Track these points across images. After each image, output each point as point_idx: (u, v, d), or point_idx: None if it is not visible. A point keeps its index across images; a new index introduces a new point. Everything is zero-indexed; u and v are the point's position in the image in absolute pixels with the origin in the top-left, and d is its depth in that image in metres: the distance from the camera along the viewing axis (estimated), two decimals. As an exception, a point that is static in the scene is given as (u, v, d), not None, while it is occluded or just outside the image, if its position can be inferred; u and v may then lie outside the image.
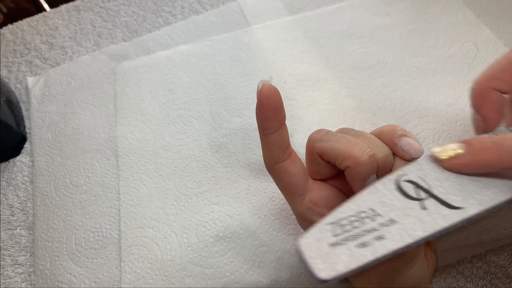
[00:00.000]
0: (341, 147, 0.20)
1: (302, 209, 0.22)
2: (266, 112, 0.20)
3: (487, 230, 0.28)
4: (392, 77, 0.35)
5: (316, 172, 0.22)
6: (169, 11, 0.44)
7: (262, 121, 0.21)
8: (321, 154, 0.21)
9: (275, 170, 0.22)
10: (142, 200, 0.31)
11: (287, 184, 0.22)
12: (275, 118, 0.21)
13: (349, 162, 0.19)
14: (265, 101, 0.20)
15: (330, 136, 0.21)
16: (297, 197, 0.22)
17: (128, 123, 0.35)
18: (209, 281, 0.27)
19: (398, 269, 0.20)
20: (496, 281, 0.28)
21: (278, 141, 0.21)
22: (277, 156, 0.21)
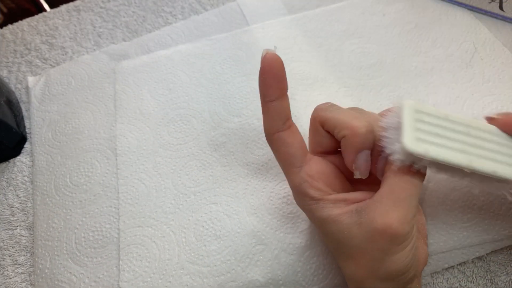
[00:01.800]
0: (341, 117, 0.21)
1: (297, 181, 0.22)
2: (268, 79, 0.21)
3: (487, 231, 0.28)
4: (391, 76, 0.35)
5: (317, 143, 0.23)
6: (169, 11, 0.44)
7: (264, 88, 0.21)
8: (322, 122, 0.22)
9: (274, 140, 0.22)
10: (140, 199, 0.31)
11: (285, 155, 0.22)
12: (277, 85, 0.21)
13: (347, 132, 0.20)
14: (268, 68, 0.20)
15: (335, 108, 0.22)
16: (294, 169, 0.22)
17: (128, 122, 0.35)
18: (206, 280, 0.27)
19: (387, 249, 0.20)
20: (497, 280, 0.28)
21: (279, 110, 0.21)
22: (277, 125, 0.22)
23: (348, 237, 0.20)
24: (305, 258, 0.27)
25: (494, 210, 0.28)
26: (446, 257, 0.28)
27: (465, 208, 0.28)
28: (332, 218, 0.21)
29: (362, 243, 0.20)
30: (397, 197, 0.20)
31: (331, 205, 0.21)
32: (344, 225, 0.20)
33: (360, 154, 0.20)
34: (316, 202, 0.21)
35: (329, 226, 0.21)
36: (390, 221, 0.19)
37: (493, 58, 0.34)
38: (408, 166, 0.20)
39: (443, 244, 0.28)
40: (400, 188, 0.20)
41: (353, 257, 0.21)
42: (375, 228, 0.19)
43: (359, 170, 0.21)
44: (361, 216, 0.20)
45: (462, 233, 0.28)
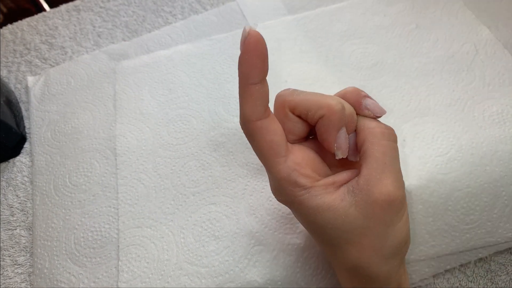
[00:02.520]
0: (313, 98, 0.20)
1: (286, 171, 0.20)
2: (253, 59, 0.19)
3: (490, 233, 0.28)
4: (391, 77, 0.35)
5: (289, 131, 0.21)
6: (169, 11, 0.44)
7: (248, 69, 0.19)
8: (293, 107, 0.21)
9: (256, 128, 0.20)
10: (140, 199, 0.31)
11: (269, 144, 0.20)
12: (262, 66, 0.19)
13: (324, 111, 0.20)
14: (253, 46, 0.18)
15: (300, 92, 0.21)
16: (280, 158, 0.20)
17: (127, 122, 0.35)
18: (204, 280, 0.27)
19: (390, 220, 0.20)
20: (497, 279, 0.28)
21: (262, 93, 0.20)
22: (260, 111, 0.20)
23: (346, 221, 0.20)
24: (304, 259, 0.27)
25: (497, 211, 0.28)
26: (448, 258, 0.28)
27: (467, 209, 0.28)
28: (326, 205, 0.20)
29: (363, 222, 0.20)
30: (382, 162, 0.20)
31: (322, 191, 0.20)
32: (340, 210, 0.20)
33: (340, 133, 0.20)
34: (307, 191, 0.20)
35: (324, 215, 0.20)
36: (387, 188, 0.19)
37: (494, 60, 0.34)
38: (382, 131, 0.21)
39: (445, 247, 0.28)
40: (382, 153, 0.20)
41: (354, 242, 0.20)
42: (373, 201, 0.19)
43: (341, 149, 0.20)
44: (355, 195, 0.20)
45: (465, 235, 0.28)
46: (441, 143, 0.30)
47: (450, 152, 0.29)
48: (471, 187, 0.28)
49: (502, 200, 0.28)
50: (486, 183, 0.28)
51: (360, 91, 0.22)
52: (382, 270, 0.20)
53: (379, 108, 0.21)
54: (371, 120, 0.21)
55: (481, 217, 0.28)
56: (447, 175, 0.28)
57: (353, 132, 0.21)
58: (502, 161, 0.29)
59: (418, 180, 0.28)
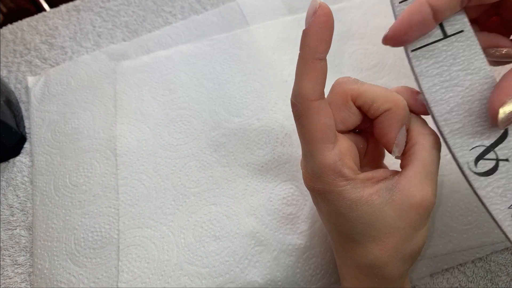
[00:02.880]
0: (379, 89, 0.20)
1: (332, 158, 0.19)
2: (323, 32, 0.18)
3: (487, 234, 0.28)
4: (392, 78, 0.35)
5: (341, 121, 0.21)
6: (169, 11, 0.44)
7: (316, 42, 0.18)
8: (356, 96, 0.20)
9: (313, 108, 0.19)
10: (140, 199, 0.31)
11: (322, 127, 0.19)
12: (330, 41, 0.18)
13: (391, 104, 0.19)
14: (324, 18, 0.18)
15: (363, 82, 0.20)
16: (328, 144, 0.19)
17: (128, 122, 0.35)
18: (204, 281, 0.27)
19: (418, 224, 0.20)
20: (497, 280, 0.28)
21: (324, 71, 0.19)
22: (320, 90, 0.19)
23: (378, 218, 0.19)
24: (304, 259, 0.27)
25: (494, 213, 0.28)
26: (446, 258, 0.28)
27: (466, 211, 0.28)
28: (364, 199, 0.19)
29: (395, 222, 0.19)
30: (429, 170, 0.20)
31: (361, 184, 0.20)
32: (376, 205, 0.19)
33: (402, 129, 0.20)
34: (349, 182, 0.19)
35: (360, 209, 0.19)
36: (427, 194, 0.19)
37: (494, 60, 0.34)
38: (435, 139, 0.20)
39: (442, 247, 0.28)
40: (430, 161, 0.20)
41: (380, 239, 0.20)
42: (412, 204, 0.19)
43: (399, 146, 0.20)
44: (392, 194, 0.19)
45: (462, 236, 0.28)
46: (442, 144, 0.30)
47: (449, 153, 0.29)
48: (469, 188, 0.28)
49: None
50: (485, 184, 0.28)
51: (411, 88, 0.21)
52: (398, 271, 0.21)
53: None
54: (424, 125, 0.21)
55: (479, 218, 0.28)
56: (446, 177, 0.28)
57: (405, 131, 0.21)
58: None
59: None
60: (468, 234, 0.28)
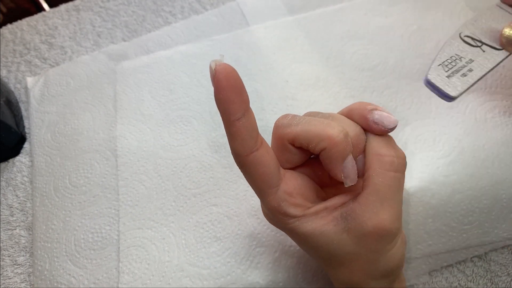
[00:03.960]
0: (313, 128, 0.19)
1: (276, 201, 0.20)
2: (228, 94, 0.18)
3: (486, 233, 0.28)
4: (393, 78, 0.35)
5: (286, 161, 0.21)
6: (169, 11, 0.44)
7: (226, 106, 0.18)
8: (292, 139, 0.20)
9: (249, 162, 0.19)
10: (141, 200, 0.31)
11: (261, 176, 0.19)
12: (240, 99, 0.18)
13: (325, 143, 0.19)
14: (225, 82, 0.17)
15: (299, 120, 0.20)
16: (271, 189, 0.20)
17: (128, 123, 0.35)
18: (206, 282, 0.27)
19: (381, 249, 0.19)
20: (497, 280, 0.28)
21: (248, 127, 0.19)
22: (250, 145, 0.19)
23: (338, 246, 0.20)
24: (305, 261, 0.27)
25: (495, 213, 0.28)
26: (445, 256, 0.28)
27: (467, 211, 0.28)
28: (318, 231, 0.20)
29: (354, 248, 0.19)
30: (384, 196, 0.19)
31: (312, 218, 0.20)
32: (332, 234, 0.19)
33: (345, 162, 0.19)
34: (297, 219, 0.20)
35: (316, 240, 0.20)
36: (382, 222, 0.19)
37: (495, 61, 0.34)
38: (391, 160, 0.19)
39: (442, 246, 0.28)
40: (385, 186, 0.19)
41: (345, 264, 0.20)
42: (366, 232, 0.19)
43: (349, 177, 0.19)
44: (348, 222, 0.19)
45: (461, 235, 0.28)
46: (442, 145, 0.30)
47: (451, 154, 0.29)
48: (472, 189, 0.28)
49: (502, 202, 0.28)
50: (487, 185, 0.28)
51: (366, 105, 0.20)
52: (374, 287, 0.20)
53: (387, 120, 0.19)
54: (381, 144, 0.20)
55: (479, 218, 0.28)
56: (449, 177, 0.28)
57: (362, 154, 0.20)
58: (504, 163, 0.29)
59: (419, 182, 0.28)
60: (468, 233, 0.28)
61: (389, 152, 0.19)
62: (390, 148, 0.20)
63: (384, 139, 0.20)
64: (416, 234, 0.28)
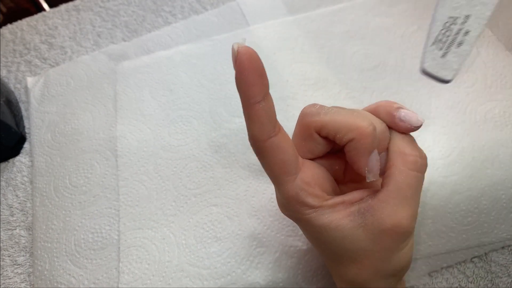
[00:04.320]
0: (343, 118, 0.19)
1: (294, 190, 0.20)
2: (250, 76, 0.18)
3: (486, 234, 0.28)
4: (393, 78, 0.35)
5: (308, 151, 0.21)
6: (169, 11, 0.44)
7: (247, 88, 0.18)
8: (319, 128, 0.20)
9: (267, 148, 0.19)
10: (141, 200, 0.31)
11: (279, 163, 0.19)
12: (261, 82, 0.18)
13: (354, 134, 0.18)
14: (247, 63, 0.17)
15: (327, 109, 0.20)
16: (289, 177, 0.20)
17: (128, 123, 0.35)
18: (206, 282, 0.27)
19: (395, 247, 0.19)
20: (497, 281, 0.28)
21: (268, 111, 0.19)
22: (269, 130, 0.19)
23: (352, 241, 0.19)
24: (305, 261, 0.27)
25: (495, 214, 0.28)
26: (445, 257, 0.28)
27: (466, 212, 0.28)
28: (334, 224, 0.19)
29: (368, 245, 0.19)
30: (404, 195, 0.19)
31: (329, 210, 0.20)
32: (348, 229, 0.19)
33: (371, 156, 0.19)
34: (315, 210, 0.20)
35: (331, 233, 0.20)
36: (401, 220, 0.19)
37: (495, 62, 0.34)
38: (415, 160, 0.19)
39: (441, 246, 0.28)
40: (407, 185, 0.19)
41: (357, 260, 0.20)
42: (384, 229, 0.19)
43: (372, 172, 0.19)
44: (365, 218, 0.19)
45: (461, 236, 0.28)
46: (442, 146, 0.30)
47: (451, 155, 0.29)
48: (471, 190, 0.28)
49: (501, 203, 0.28)
50: (486, 186, 0.28)
51: (393, 103, 0.20)
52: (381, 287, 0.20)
53: (415, 118, 0.19)
54: (406, 143, 0.20)
55: (479, 219, 0.28)
56: (448, 178, 0.28)
57: (385, 151, 0.20)
58: (503, 164, 0.29)
59: (419, 182, 0.28)
60: (468, 234, 0.28)
61: (413, 152, 0.19)
62: (414, 147, 0.20)
63: (408, 139, 0.20)
64: (416, 235, 0.28)
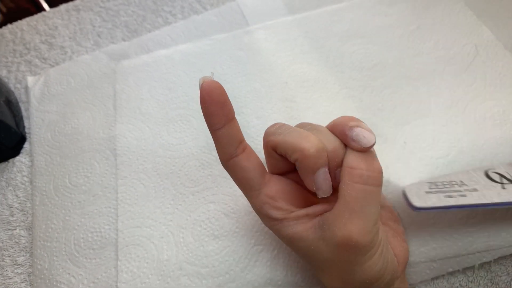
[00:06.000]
0: (290, 140, 0.20)
1: (258, 204, 0.22)
2: (210, 108, 0.20)
3: (493, 237, 0.27)
4: (392, 78, 0.35)
5: (273, 166, 0.23)
6: (168, 11, 0.44)
7: (208, 117, 0.20)
8: (274, 147, 0.21)
9: (230, 166, 0.22)
10: (139, 199, 0.31)
11: (242, 180, 0.22)
12: (221, 112, 0.20)
13: (297, 155, 0.20)
14: (208, 97, 0.20)
15: (283, 129, 0.21)
16: (253, 192, 0.22)
17: (127, 121, 0.35)
18: (204, 281, 0.27)
19: (355, 260, 0.20)
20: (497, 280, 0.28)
21: (228, 136, 0.21)
22: (229, 152, 0.21)
23: (316, 252, 0.21)
24: (304, 260, 0.27)
25: (500, 216, 0.28)
26: (451, 261, 0.27)
27: (470, 212, 0.28)
28: (298, 235, 0.21)
29: (330, 256, 0.20)
30: (352, 208, 0.19)
31: (294, 222, 0.21)
32: (310, 241, 0.21)
33: (317, 174, 0.20)
34: (280, 221, 0.21)
35: (296, 243, 0.21)
36: (349, 234, 0.19)
37: (495, 61, 0.34)
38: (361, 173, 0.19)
39: (447, 249, 0.27)
40: (353, 198, 0.19)
41: (325, 269, 0.21)
42: (337, 242, 0.20)
43: (321, 189, 0.20)
44: (323, 230, 0.20)
45: (467, 238, 0.27)
46: (441, 145, 0.30)
47: (450, 154, 0.29)
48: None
49: None
50: (486, 185, 0.28)
51: (348, 121, 0.20)
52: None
53: (366, 139, 0.20)
54: (355, 158, 0.20)
55: (484, 220, 0.27)
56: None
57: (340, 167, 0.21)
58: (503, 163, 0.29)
59: (419, 181, 0.28)
60: (474, 236, 0.27)
61: (359, 165, 0.20)
62: (362, 161, 0.20)
63: (360, 154, 0.20)
64: (419, 236, 0.27)
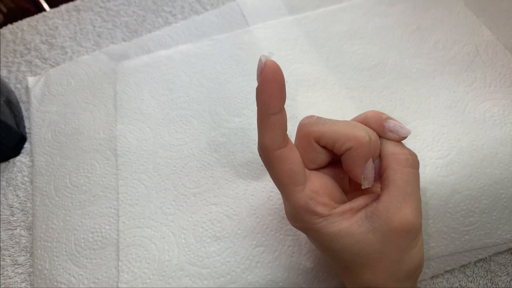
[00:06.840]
0: (340, 128, 0.20)
1: (303, 199, 0.20)
2: (272, 89, 0.19)
3: (489, 234, 0.28)
4: (392, 78, 0.35)
5: (310, 161, 0.21)
6: (169, 11, 0.44)
7: (267, 99, 0.19)
8: (318, 138, 0.20)
9: (276, 157, 0.20)
10: (140, 199, 0.31)
11: (288, 173, 0.20)
12: (281, 95, 0.19)
13: (352, 143, 0.19)
14: (271, 76, 0.18)
15: (324, 120, 0.21)
16: (298, 187, 0.20)
17: (128, 122, 0.35)
18: (206, 281, 0.27)
19: (407, 246, 0.20)
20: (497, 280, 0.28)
21: (281, 123, 0.20)
22: (280, 141, 0.20)
23: (363, 246, 0.20)
24: (305, 261, 0.27)
25: (496, 214, 0.28)
26: (448, 260, 0.28)
27: (467, 211, 0.28)
28: (344, 231, 0.20)
29: (379, 248, 0.20)
30: (404, 191, 0.20)
31: (339, 218, 0.20)
32: (358, 235, 0.20)
33: (367, 164, 0.20)
34: (325, 218, 0.20)
35: (342, 240, 0.20)
36: (406, 216, 0.19)
37: (495, 61, 0.34)
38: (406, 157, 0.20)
39: (444, 248, 0.28)
40: (404, 182, 0.20)
41: (370, 265, 0.20)
42: (392, 229, 0.19)
43: (368, 179, 0.21)
44: (373, 221, 0.20)
45: (464, 237, 0.28)
46: (441, 145, 0.30)
47: (450, 154, 0.29)
48: (471, 189, 0.28)
49: (502, 202, 0.28)
50: (486, 185, 0.28)
51: (381, 114, 0.21)
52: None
53: (403, 129, 0.21)
54: (395, 145, 0.21)
55: (480, 219, 0.28)
56: (448, 177, 0.28)
57: (377, 158, 0.21)
58: (503, 163, 0.29)
59: (419, 181, 0.28)
60: (470, 235, 0.28)
61: (403, 151, 0.21)
62: (403, 147, 0.21)
63: (396, 142, 0.21)
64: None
